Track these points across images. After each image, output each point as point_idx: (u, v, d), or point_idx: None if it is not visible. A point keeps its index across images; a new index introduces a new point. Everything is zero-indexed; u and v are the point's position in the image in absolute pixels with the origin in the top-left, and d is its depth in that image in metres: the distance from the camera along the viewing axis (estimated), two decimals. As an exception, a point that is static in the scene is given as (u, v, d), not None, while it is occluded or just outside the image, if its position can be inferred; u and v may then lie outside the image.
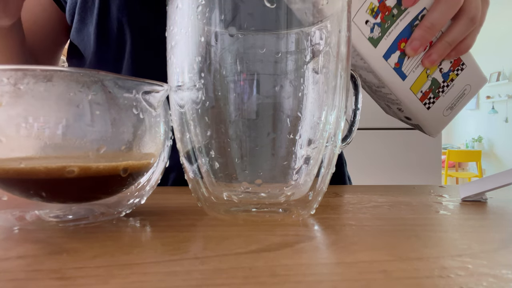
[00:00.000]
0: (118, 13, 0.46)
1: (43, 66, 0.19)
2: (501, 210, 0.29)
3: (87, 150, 0.21)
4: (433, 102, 0.39)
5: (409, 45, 0.34)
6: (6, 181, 0.20)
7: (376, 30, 0.34)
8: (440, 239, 0.21)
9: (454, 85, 0.39)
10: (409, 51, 0.35)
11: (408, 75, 0.36)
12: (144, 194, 0.26)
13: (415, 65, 0.36)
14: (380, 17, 0.33)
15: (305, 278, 0.15)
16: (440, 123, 0.40)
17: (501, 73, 4.18)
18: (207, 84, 0.23)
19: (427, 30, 0.34)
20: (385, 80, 0.36)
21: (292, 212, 0.25)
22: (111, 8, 0.47)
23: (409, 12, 0.34)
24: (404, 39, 0.35)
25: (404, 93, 0.37)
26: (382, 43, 0.34)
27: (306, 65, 0.23)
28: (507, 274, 0.15)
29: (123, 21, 0.47)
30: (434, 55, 0.35)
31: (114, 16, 0.47)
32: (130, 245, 0.19)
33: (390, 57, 0.35)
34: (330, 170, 0.25)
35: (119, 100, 0.21)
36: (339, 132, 0.25)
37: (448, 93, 0.39)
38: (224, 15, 0.22)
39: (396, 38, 0.34)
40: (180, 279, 0.15)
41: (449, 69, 0.38)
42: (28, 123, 0.19)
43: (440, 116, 0.40)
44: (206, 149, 0.24)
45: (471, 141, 4.59)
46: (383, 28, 0.34)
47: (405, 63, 0.36)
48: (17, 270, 0.15)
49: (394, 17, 0.34)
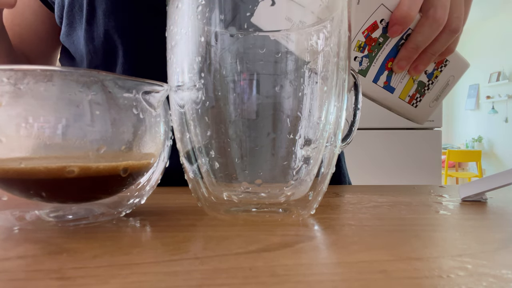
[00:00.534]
0: (105, 19, 0.45)
1: (43, 66, 0.19)
2: (501, 210, 0.29)
3: (87, 150, 0.21)
4: (420, 100, 0.41)
5: (396, 64, 0.37)
6: (6, 181, 0.20)
7: (364, 61, 0.36)
8: (440, 239, 0.21)
9: (438, 80, 0.41)
10: (396, 69, 0.37)
11: (396, 87, 0.39)
12: (144, 194, 0.26)
13: (402, 77, 0.38)
14: (368, 49, 0.35)
15: (305, 278, 0.15)
16: (426, 114, 0.42)
17: (501, 73, 4.18)
18: (207, 84, 0.23)
19: (412, 51, 0.36)
20: (375, 98, 0.39)
21: (292, 212, 0.25)
22: (97, 13, 0.45)
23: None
24: (391, 59, 0.37)
25: (394, 103, 0.40)
26: (371, 71, 0.37)
27: (306, 65, 0.23)
28: (507, 274, 0.15)
29: (109, 26, 0.45)
30: (420, 66, 0.37)
31: (100, 22, 0.45)
32: (130, 245, 0.19)
33: (379, 79, 0.37)
34: (330, 170, 0.25)
35: (119, 100, 0.21)
36: (339, 132, 0.25)
37: (433, 89, 0.41)
38: (224, 15, 0.22)
39: (383, 61, 0.37)
40: (180, 279, 0.15)
41: (433, 69, 0.40)
42: (28, 123, 0.19)
43: (427, 108, 0.42)
44: (206, 149, 0.24)
45: (471, 141, 4.59)
46: (371, 57, 0.36)
47: (392, 79, 0.38)
48: (17, 270, 0.15)
49: (380, 44, 0.36)
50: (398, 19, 0.33)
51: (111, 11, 0.45)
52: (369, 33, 0.34)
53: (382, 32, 0.35)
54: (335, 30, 0.23)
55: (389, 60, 0.37)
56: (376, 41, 0.35)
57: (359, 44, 0.35)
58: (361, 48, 0.35)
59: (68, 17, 0.48)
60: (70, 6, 0.47)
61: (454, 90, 4.84)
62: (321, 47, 0.23)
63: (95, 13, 0.45)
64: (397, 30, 0.34)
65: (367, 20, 0.34)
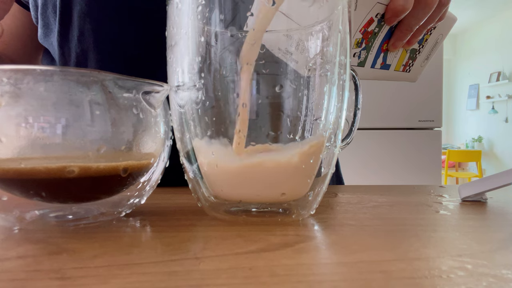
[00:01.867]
0: (80, 21, 0.43)
1: (43, 66, 0.19)
2: (501, 210, 0.29)
3: (87, 150, 0.21)
4: (412, 65, 0.42)
5: (391, 45, 0.38)
6: (6, 181, 0.20)
7: (362, 54, 0.37)
8: (440, 239, 0.21)
9: (428, 42, 0.42)
10: (392, 49, 0.39)
11: (391, 63, 0.40)
12: (144, 194, 0.26)
13: (395, 52, 0.40)
14: (365, 42, 0.36)
15: (305, 278, 0.15)
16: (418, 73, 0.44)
17: (501, 73, 4.17)
18: (207, 84, 0.23)
19: (406, 32, 0.37)
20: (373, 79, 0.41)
21: (292, 212, 0.25)
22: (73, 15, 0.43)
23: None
24: (386, 42, 0.38)
25: (390, 76, 0.41)
26: (368, 59, 0.38)
27: (306, 66, 0.23)
28: (507, 274, 0.15)
29: (85, 28, 0.43)
30: (413, 40, 0.39)
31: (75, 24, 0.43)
32: (130, 245, 0.19)
33: (376, 63, 0.39)
34: (330, 170, 0.25)
35: (119, 100, 0.21)
36: (339, 132, 0.25)
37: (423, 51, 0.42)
38: (224, 15, 0.22)
39: (379, 45, 0.38)
40: (180, 279, 0.15)
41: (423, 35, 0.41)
42: (28, 123, 0.19)
43: (418, 69, 0.44)
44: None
45: (471, 141, 4.59)
46: (368, 48, 0.37)
47: (388, 58, 0.40)
48: (17, 270, 0.15)
49: (376, 34, 0.37)
50: (394, 12, 0.34)
51: (87, 12, 0.43)
52: (366, 29, 0.35)
53: (377, 23, 0.36)
54: (335, 30, 0.23)
55: (385, 42, 0.38)
56: (372, 33, 0.36)
57: (357, 42, 0.36)
58: (359, 43, 0.36)
59: (43, 18, 0.46)
60: (44, 8, 0.45)
61: (454, 90, 4.84)
62: (321, 48, 0.23)
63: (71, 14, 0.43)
64: (393, 21, 0.35)
65: (364, 18, 0.34)
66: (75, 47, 0.44)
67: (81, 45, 0.44)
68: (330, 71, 0.23)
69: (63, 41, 0.45)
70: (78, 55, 0.44)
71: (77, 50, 0.44)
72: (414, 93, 1.63)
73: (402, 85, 1.59)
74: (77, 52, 0.44)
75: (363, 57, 0.37)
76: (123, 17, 0.43)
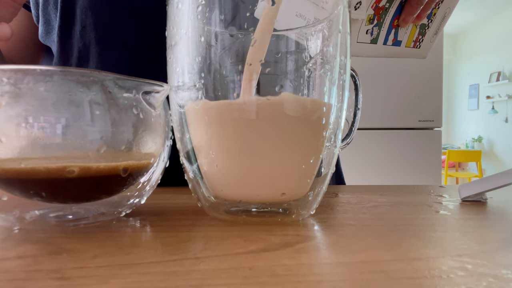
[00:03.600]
0: (82, 15, 0.43)
1: (43, 66, 0.19)
2: (501, 210, 0.29)
3: (87, 150, 0.21)
4: (422, 40, 0.43)
5: (402, 20, 0.39)
6: (6, 181, 0.20)
7: (375, 31, 0.38)
8: (440, 239, 0.21)
9: (436, 17, 0.42)
10: (403, 25, 0.39)
11: (402, 40, 0.41)
12: (144, 194, 0.26)
13: (406, 28, 0.40)
14: (376, 19, 0.37)
15: (305, 278, 0.15)
16: (428, 49, 0.45)
17: (501, 73, 4.17)
18: (207, 84, 0.23)
19: (416, 5, 0.38)
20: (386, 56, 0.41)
21: (292, 212, 0.25)
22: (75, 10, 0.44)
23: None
24: (396, 17, 0.39)
25: (401, 53, 0.42)
26: (381, 36, 0.39)
27: (306, 65, 0.23)
28: (507, 274, 0.15)
29: (86, 23, 0.43)
30: (423, 14, 0.40)
31: (77, 18, 0.44)
32: (130, 245, 0.19)
33: (388, 40, 0.40)
34: (330, 170, 0.25)
35: (119, 100, 0.21)
36: (339, 132, 0.25)
37: (433, 26, 0.43)
38: (224, 15, 0.22)
39: (390, 22, 0.39)
40: (180, 279, 0.15)
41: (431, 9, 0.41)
42: (28, 123, 0.19)
43: (428, 44, 0.44)
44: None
45: (471, 141, 4.59)
46: (380, 24, 0.38)
47: (399, 34, 0.40)
48: (17, 270, 0.15)
49: (386, 10, 0.37)
50: None
51: (88, 7, 0.43)
52: (377, 4, 0.36)
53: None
54: (335, 30, 0.23)
55: (395, 18, 0.39)
56: (383, 8, 0.37)
57: (369, 18, 0.37)
58: (371, 20, 0.37)
59: (44, 15, 0.46)
60: (45, 4, 0.46)
61: (454, 90, 4.84)
62: (321, 48, 0.23)
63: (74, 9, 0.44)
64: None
65: None
66: (77, 42, 0.45)
67: (83, 39, 0.44)
68: (330, 71, 0.23)
69: (64, 37, 0.45)
70: (80, 49, 0.45)
71: (79, 44, 0.45)
72: (414, 93, 1.62)
73: (402, 85, 1.59)
74: (79, 46, 0.45)
75: (375, 34, 0.38)
76: (124, 13, 0.44)
